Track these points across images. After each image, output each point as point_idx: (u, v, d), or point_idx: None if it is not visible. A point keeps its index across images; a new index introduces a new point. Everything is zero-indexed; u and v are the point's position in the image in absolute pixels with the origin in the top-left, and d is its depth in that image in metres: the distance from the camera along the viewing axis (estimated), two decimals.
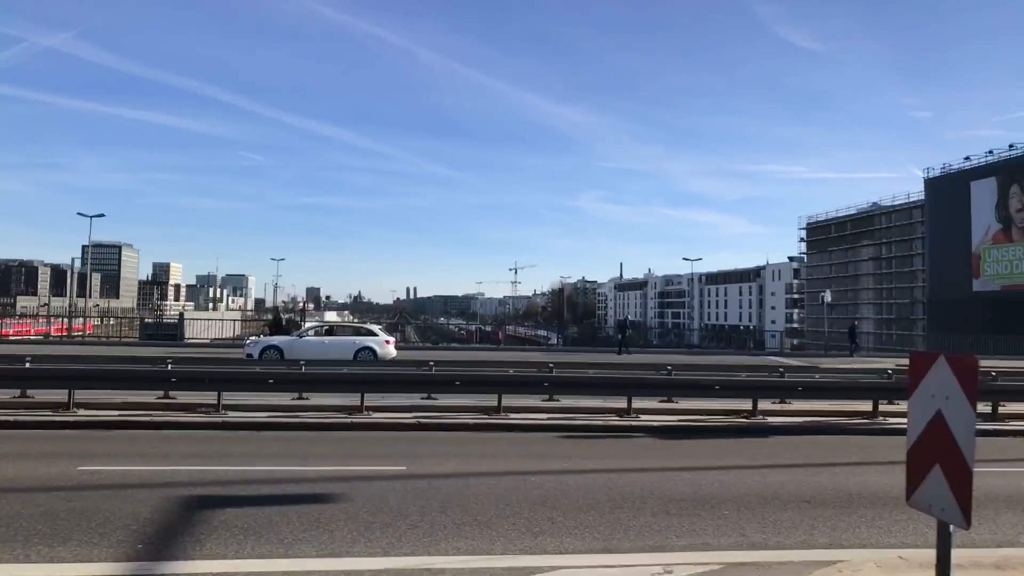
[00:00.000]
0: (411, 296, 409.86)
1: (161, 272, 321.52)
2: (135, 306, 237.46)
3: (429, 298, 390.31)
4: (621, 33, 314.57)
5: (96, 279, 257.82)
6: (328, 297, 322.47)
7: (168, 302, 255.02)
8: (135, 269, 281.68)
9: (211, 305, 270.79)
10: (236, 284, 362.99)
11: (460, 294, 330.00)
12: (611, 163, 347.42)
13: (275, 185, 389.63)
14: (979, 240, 72.66)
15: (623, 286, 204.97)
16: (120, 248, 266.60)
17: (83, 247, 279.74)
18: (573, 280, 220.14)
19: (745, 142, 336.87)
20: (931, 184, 79.34)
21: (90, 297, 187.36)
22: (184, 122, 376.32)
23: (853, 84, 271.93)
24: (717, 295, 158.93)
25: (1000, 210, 70.64)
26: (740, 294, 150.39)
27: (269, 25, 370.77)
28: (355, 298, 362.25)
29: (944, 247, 77.91)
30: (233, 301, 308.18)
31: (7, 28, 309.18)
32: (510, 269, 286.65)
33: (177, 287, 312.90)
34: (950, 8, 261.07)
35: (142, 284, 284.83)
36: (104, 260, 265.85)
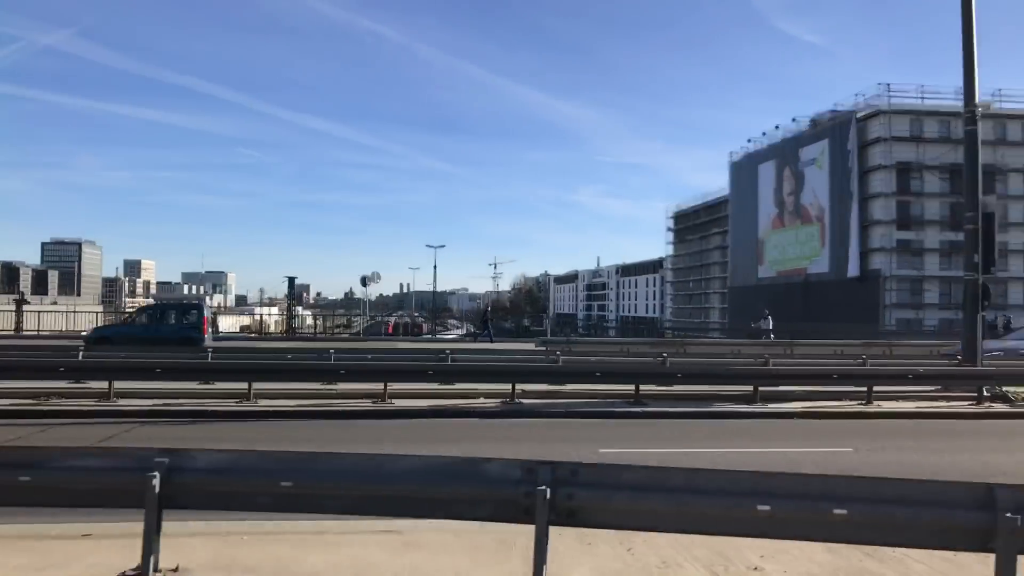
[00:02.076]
0: (404, 291, 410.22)
1: (132, 270, 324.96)
2: (95, 303, 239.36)
3: (406, 294, 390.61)
4: (620, 28, 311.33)
5: (54, 276, 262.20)
6: (319, 294, 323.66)
7: (136, 299, 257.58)
8: (98, 267, 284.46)
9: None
10: (216, 281, 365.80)
11: (449, 290, 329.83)
12: (611, 157, 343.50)
13: (274, 182, 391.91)
14: (763, 226, 70.38)
15: (560, 279, 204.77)
16: (80, 245, 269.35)
17: (42, 244, 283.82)
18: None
19: (744, 136, 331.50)
20: (734, 168, 76.97)
21: (47, 295, 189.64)
22: (183, 119, 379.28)
23: (853, 78, 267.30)
24: (630, 287, 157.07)
25: (777, 194, 68.30)
26: (647, 285, 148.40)
27: (268, 22, 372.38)
28: (347, 295, 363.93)
29: (738, 234, 75.76)
30: (211, 298, 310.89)
31: (5, 27, 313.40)
32: (489, 264, 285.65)
33: (147, 284, 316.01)
34: (951, 3, 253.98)
35: (107, 281, 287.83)
36: (64, 257, 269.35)
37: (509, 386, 13.96)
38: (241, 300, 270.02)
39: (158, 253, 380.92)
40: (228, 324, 56.98)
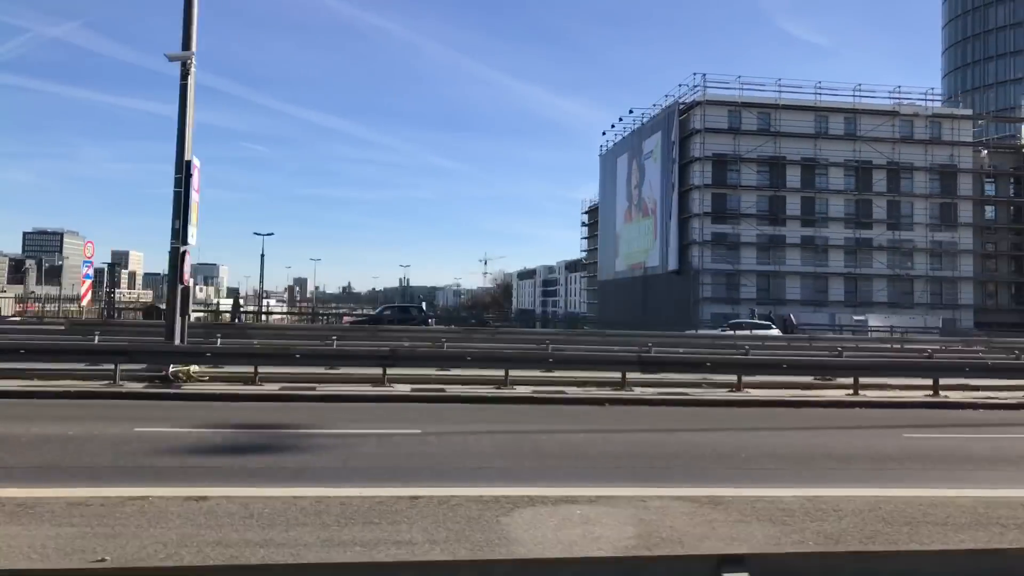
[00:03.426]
0: (406, 285, 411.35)
1: (119, 260, 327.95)
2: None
3: (407, 288, 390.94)
4: (624, 26, 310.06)
5: (32, 265, 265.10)
6: (317, 287, 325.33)
7: (121, 290, 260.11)
8: (80, 257, 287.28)
9: None
10: (208, 273, 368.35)
11: (440, 285, 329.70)
12: None
13: (278, 176, 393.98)
14: (619, 219, 69.73)
15: (523, 275, 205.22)
16: (62, 235, 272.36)
17: (24, 233, 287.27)
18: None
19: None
20: (602, 161, 76.26)
21: (23, 284, 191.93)
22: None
23: (856, 77, 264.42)
24: (575, 283, 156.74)
25: (627, 187, 67.62)
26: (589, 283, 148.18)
27: (274, 16, 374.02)
28: (345, 288, 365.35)
29: (604, 228, 75.18)
30: (201, 290, 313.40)
31: (12, 18, 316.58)
32: (480, 260, 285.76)
33: (133, 275, 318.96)
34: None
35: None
36: (46, 247, 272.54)
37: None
38: (233, 292, 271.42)
39: (157, 245, 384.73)
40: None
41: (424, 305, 49.03)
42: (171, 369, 13.97)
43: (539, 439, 9.83)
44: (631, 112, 65.18)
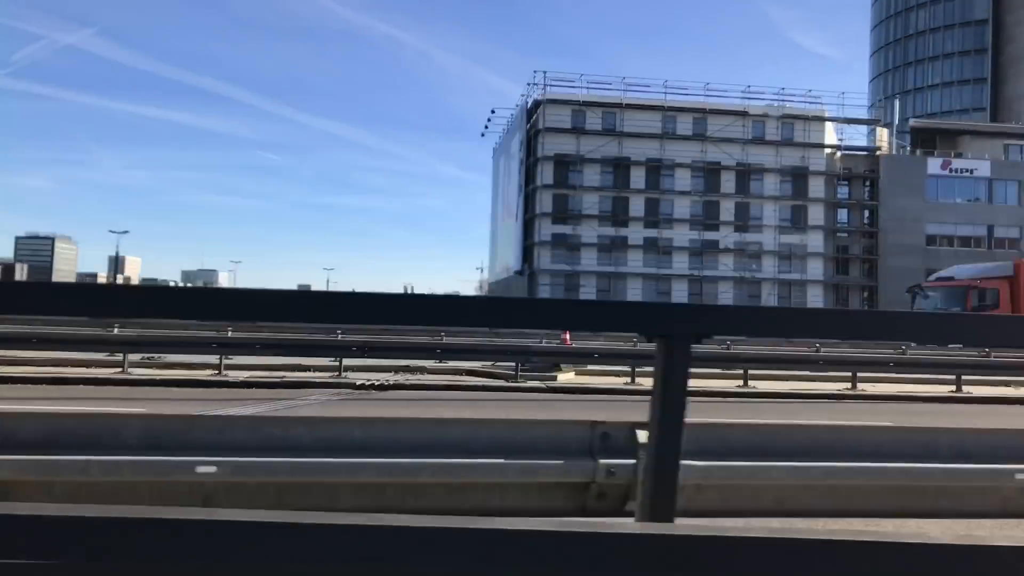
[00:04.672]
0: (408, 291, 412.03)
1: (115, 267, 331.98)
2: None
3: (410, 295, 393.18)
4: (635, 37, 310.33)
5: (23, 270, 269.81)
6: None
7: None
8: (72, 262, 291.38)
9: None
10: (208, 279, 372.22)
11: (441, 291, 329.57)
12: None
13: (290, 184, 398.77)
14: (499, 220, 69.30)
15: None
16: (53, 240, 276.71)
17: (16, 238, 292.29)
18: None
19: None
20: (494, 159, 75.85)
21: None
22: (202, 121, 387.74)
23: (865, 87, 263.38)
24: None
25: (501, 187, 67.18)
26: None
27: (287, 25, 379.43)
28: None
29: (493, 226, 74.82)
30: None
31: (27, 25, 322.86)
32: (476, 268, 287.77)
33: (128, 280, 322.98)
34: None
35: (84, 277, 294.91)
36: (38, 252, 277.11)
37: None
38: None
39: (163, 251, 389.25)
40: None
41: None
42: None
43: None
44: (493, 112, 64.72)
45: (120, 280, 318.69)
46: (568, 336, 15.27)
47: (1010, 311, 24.37)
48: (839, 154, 56.10)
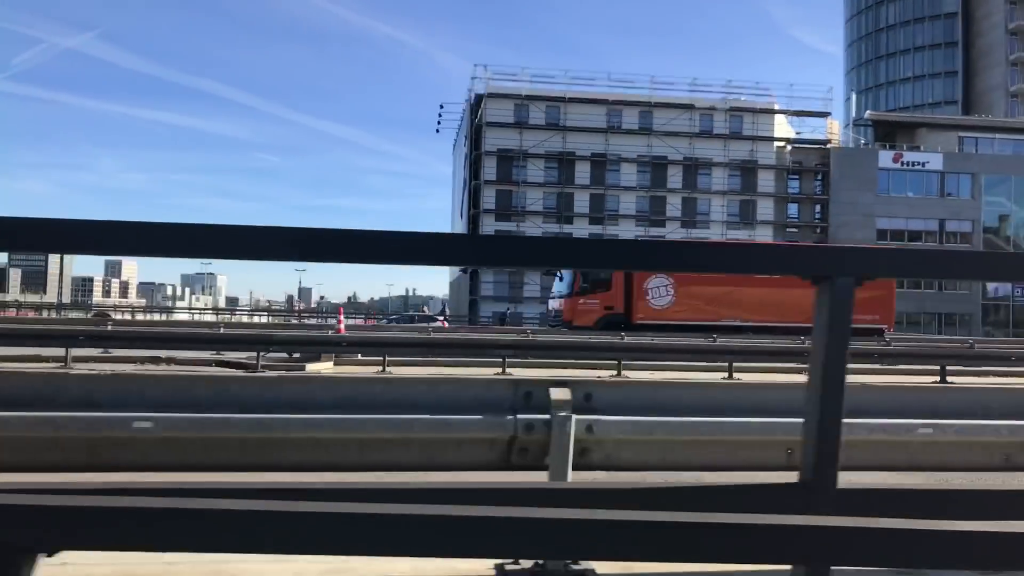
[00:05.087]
0: (410, 294, 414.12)
1: (113, 270, 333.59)
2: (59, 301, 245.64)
3: (400, 296, 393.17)
4: (636, 36, 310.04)
5: (16, 274, 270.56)
6: (322, 297, 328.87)
7: (112, 299, 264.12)
8: (67, 266, 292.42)
9: (170, 303, 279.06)
10: (207, 283, 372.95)
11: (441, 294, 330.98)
12: None
13: (290, 186, 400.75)
14: (456, 217, 68.55)
15: None
16: None
17: None
18: None
19: None
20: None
21: (7, 292, 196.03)
22: (201, 123, 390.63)
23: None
24: None
25: (455, 183, 66.44)
26: None
27: (288, 28, 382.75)
28: (350, 298, 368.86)
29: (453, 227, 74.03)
30: (197, 299, 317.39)
31: (27, 29, 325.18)
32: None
33: (125, 284, 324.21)
34: None
35: (79, 281, 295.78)
36: (31, 256, 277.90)
37: None
38: (232, 301, 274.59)
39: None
40: None
41: (425, 309, 56.48)
42: None
43: None
44: (442, 107, 63.79)
45: (116, 284, 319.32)
46: (343, 324, 14.48)
47: None
48: (789, 147, 55.09)
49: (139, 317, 55.65)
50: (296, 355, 13.80)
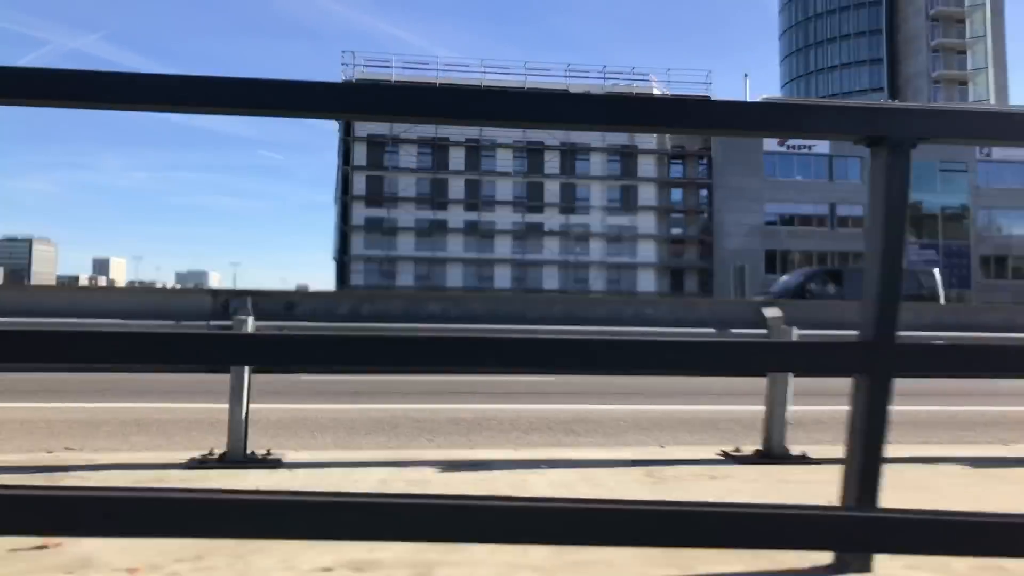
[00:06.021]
0: None
1: (100, 268, 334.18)
2: None
3: None
4: (640, 32, 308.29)
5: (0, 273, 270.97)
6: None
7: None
8: (52, 263, 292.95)
9: None
10: (198, 281, 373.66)
11: None
12: None
13: (293, 184, 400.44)
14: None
15: None
16: (30, 242, 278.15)
17: None
18: None
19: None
20: None
21: None
22: (204, 121, 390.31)
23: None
24: None
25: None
26: None
27: (289, 25, 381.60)
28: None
29: None
30: None
31: (33, 31, 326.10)
32: None
33: (112, 282, 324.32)
34: None
35: (65, 279, 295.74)
36: (15, 254, 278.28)
37: None
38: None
39: (157, 252, 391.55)
40: None
41: None
42: None
43: None
44: None
45: (103, 282, 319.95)
46: None
47: None
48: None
49: None
50: None
